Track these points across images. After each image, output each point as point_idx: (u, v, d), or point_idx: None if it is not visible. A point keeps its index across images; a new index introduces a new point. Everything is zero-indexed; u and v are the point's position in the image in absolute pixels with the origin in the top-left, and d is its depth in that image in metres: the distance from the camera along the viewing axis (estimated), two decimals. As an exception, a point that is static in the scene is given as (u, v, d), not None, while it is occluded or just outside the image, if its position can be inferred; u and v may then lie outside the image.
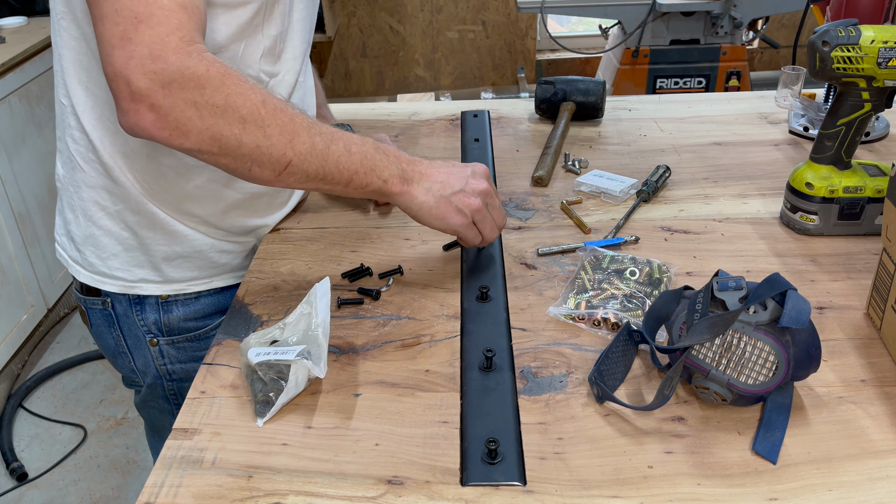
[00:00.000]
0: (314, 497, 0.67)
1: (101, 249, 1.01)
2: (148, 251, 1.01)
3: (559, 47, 3.36)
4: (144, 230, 1.00)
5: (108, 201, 0.98)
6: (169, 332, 1.07)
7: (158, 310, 1.05)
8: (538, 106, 1.44)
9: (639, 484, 0.67)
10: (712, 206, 1.13)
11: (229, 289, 1.08)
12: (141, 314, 1.05)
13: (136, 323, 1.06)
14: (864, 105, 0.97)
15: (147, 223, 0.99)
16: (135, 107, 0.76)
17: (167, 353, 1.08)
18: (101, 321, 1.08)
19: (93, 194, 0.98)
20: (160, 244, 1.01)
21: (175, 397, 1.13)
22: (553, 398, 0.77)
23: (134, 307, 1.05)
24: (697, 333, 0.73)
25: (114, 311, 1.06)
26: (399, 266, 1.00)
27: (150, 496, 0.67)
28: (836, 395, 0.77)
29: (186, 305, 1.06)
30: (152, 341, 1.07)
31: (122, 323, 1.06)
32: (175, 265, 1.03)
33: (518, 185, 1.22)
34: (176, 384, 1.11)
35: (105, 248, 1.01)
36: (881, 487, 0.66)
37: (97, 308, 1.07)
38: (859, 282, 0.94)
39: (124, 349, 1.09)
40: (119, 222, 0.99)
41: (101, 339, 1.10)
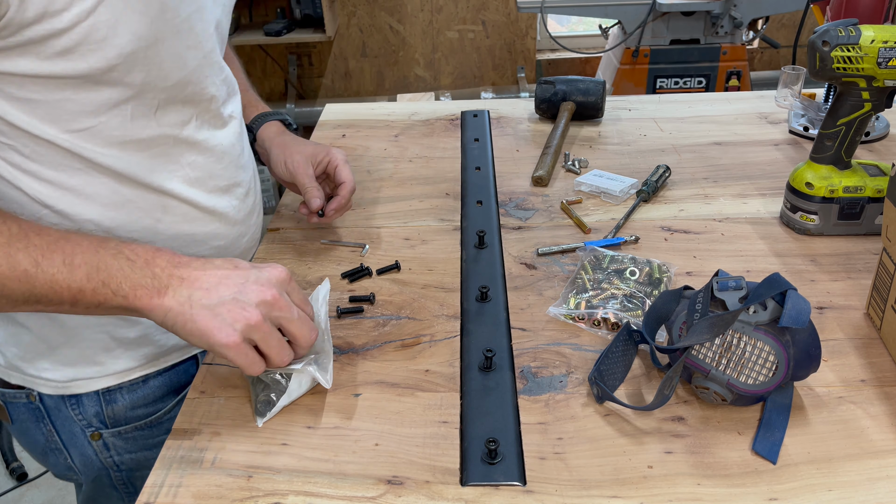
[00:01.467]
0: (314, 497, 0.67)
1: (22, 349, 0.88)
2: (80, 346, 0.87)
3: (559, 47, 3.36)
4: (74, 320, 0.85)
5: None
6: (114, 423, 0.93)
7: (99, 402, 0.91)
8: (538, 106, 1.44)
9: (639, 484, 0.67)
10: (712, 206, 1.13)
11: (183, 363, 0.96)
12: (77, 408, 0.91)
13: (72, 417, 0.91)
14: (864, 105, 0.97)
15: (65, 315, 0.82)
16: None
17: (113, 445, 0.94)
18: (26, 416, 0.92)
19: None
20: (97, 333, 0.87)
21: (125, 486, 0.99)
22: (553, 398, 0.77)
23: (68, 401, 0.90)
24: (697, 333, 0.73)
25: (42, 404, 0.91)
26: (396, 261, 1.00)
27: (149, 496, 0.67)
28: (836, 395, 0.77)
29: (133, 392, 0.92)
30: (94, 435, 0.93)
31: (54, 417, 0.91)
32: (115, 355, 0.89)
33: (518, 184, 1.22)
34: (125, 474, 0.98)
35: (28, 347, 0.87)
36: (881, 487, 0.66)
37: (20, 402, 0.91)
38: (859, 282, 0.94)
39: (58, 446, 0.94)
40: (42, 316, 0.85)
41: (27, 437, 0.94)
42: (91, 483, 0.99)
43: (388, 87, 3.60)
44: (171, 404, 0.96)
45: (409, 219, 1.12)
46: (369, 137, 1.41)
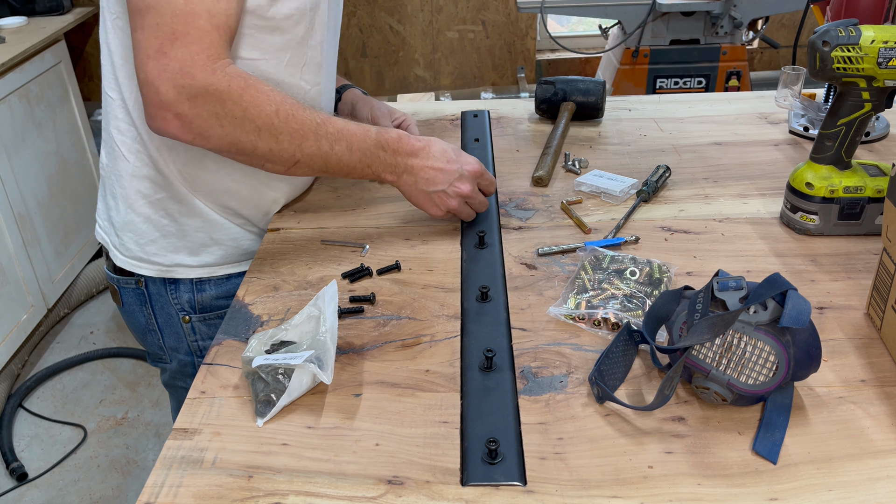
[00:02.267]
0: (314, 497, 0.67)
1: (139, 235, 1.08)
2: (185, 237, 1.08)
3: (559, 47, 3.36)
4: (184, 218, 1.07)
5: (151, 190, 1.05)
6: (202, 309, 1.14)
7: (192, 289, 1.12)
8: (538, 106, 1.44)
9: (639, 484, 0.67)
10: (712, 206, 1.13)
11: None
12: (175, 293, 1.12)
13: (170, 302, 1.12)
14: (864, 105, 0.97)
15: (187, 212, 1.07)
16: (162, 114, 0.86)
17: (199, 329, 1.15)
18: (133, 300, 1.14)
19: (136, 183, 1.05)
20: (198, 231, 1.08)
21: None
22: (553, 398, 0.77)
23: (168, 287, 1.11)
24: (697, 333, 0.73)
25: (147, 290, 1.12)
26: (396, 261, 1.00)
27: (150, 496, 0.67)
28: (836, 395, 0.77)
29: (218, 285, 1.13)
30: (185, 318, 1.14)
31: (155, 302, 1.13)
32: (210, 251, 1.10)
33: (518, 185, 1.22)
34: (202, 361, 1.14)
35: (144, 234, 1.08)
36: (881, 487, 0.66)
37: (130, 287, 1.13)
38: (859, 282, 0.94)
39: (154, 327, 1.15)
40: (159, 210, 1.06)
41: (132, 317, 1.16)
42: (177, 364, 1.19)
43: (388, 88, 3.60)
44: None
45: (409, 219, 1.12)
46: (369, 137, 1.41)
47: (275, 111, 0.90)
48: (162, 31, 0.84)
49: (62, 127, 2.79)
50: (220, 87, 0.86)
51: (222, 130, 0.88)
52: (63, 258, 2.76)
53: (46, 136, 2.67)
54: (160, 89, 0.85)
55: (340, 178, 1.22)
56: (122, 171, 1.05)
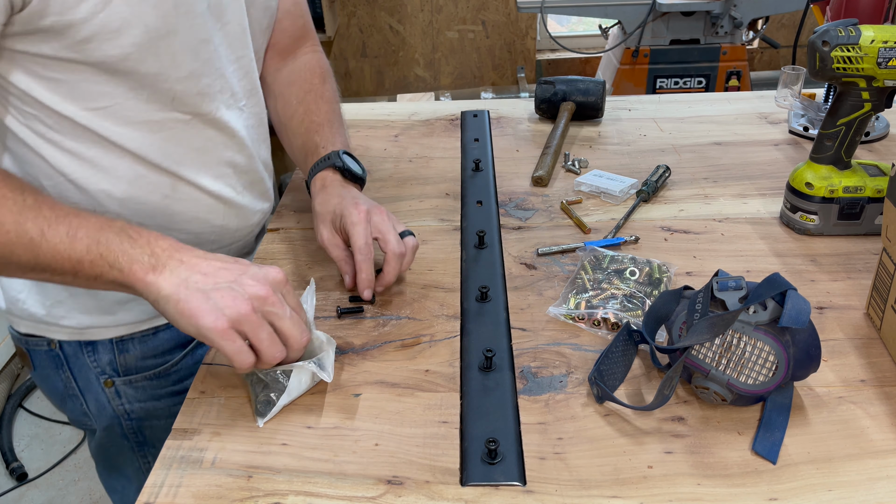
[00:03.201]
0: (314, 497, 0.67)
1: (44, 296, 0.94)
2: (96, 295, 0.93)
3: (559, 47, 3.36)
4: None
5: None
6: (126, 371, 1.00)
7: (112, 350, 0.98)
8: (538, 106, 1.44)
9: (639, 484, 0.67)
10: (712, 206, 1.13)
11: None
12: (93, 355, 0.98)
13: (88, 364, 0.98)
14: (864, 105, 0.97)
15: None
16: None
17: (124, 393, 1.01)
18: (46, 363, 1.00)
19: None
20: None
21: (135, 435, 1.05)
22: (553, 398, 0.77)
23: (84, 348, 0.98)
24: (697, 333, 0.73)
25: (62, 351, 0.98)
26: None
27: (149, 496, 0.67)
28: (836, 395, 0.77)
29: (144, 343, 0.99)
30: (107, 382, 1.00)
31: (72, 364, 0.99)
32: (127, 308, 0.96)
33: (518, 185, 1.22)
34: (135, 423, 1.04)
35: (49, 294, 0.94)
36: (881, 487, 0.66)
37: (41, 350, 0.99)
38: (859, 282, 0.94)
39: (75, 391, 1.01)
40: None
41: (48, 383, 1.02)
42: (103, 430, 1.05)
43: (388, 88, 3.60)
44: (178, 357, 1.02)
45: (409, 219, 1.12)
46: (369, 137, 1.41)
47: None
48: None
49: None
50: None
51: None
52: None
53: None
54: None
55: None
56: None
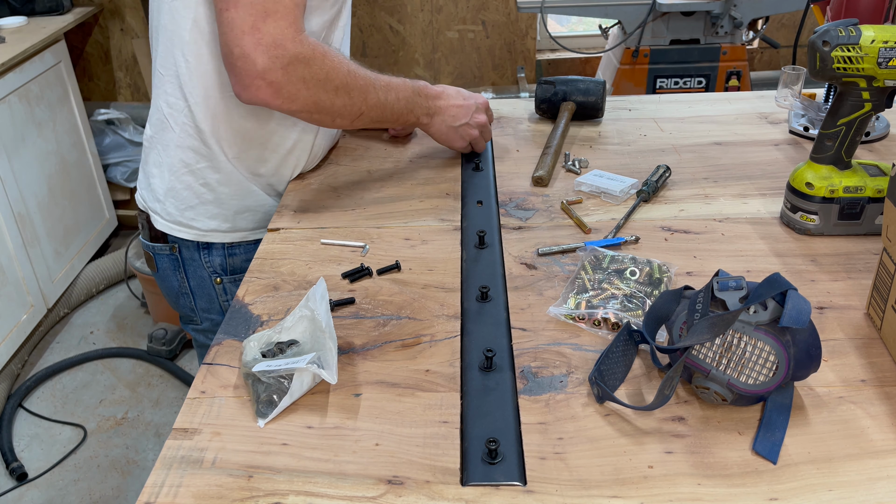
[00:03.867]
0: (314, 497, 0.67)
1: (180, 201, 1.17)
2: (221, 205, 1.18)
3: (559, 47, 3.36)
4: (222, 187, 1.17)
5: (193, 159, 1.14)
6: (232, 271, 1.24)
7: (224, 254, 1.22)
8: (538, 106, 1.44)
9: (639, 484, 0.67)
10: (712, 206, 1.13)
11: None
12: (208, 257, 1.22)
13: (203, 265, 1.23)
14: (864, 105, 0.97)
15: (225, 180, 1.16)
16: (257, 83, 0.96)
17: (229, 289, 1.25)
18: (167, 265, 1.24)
19: (180, 153, 1.14)
20: (233, 199, 1.18)
21: None
22: (553, 398, 0.77)
23: (202, 251, 1.22)
24: (697, 333, 0.73)
25: (181, 255, 1.22)
26: (396, 261, 1.00)
27: (150, 496, 0.67)
28: (836, 395, 0.77)
29: (248, 249, 1.23)
30: (217, 280, 1.24)
31: (188, 266, 1.23)
32: (243, 217, 1.21)
33: (518, 185, 1.22)
34: None
35: (184, 200, 1.17)
36: (881, 487, 0.66)
37: (164, 254, 1.23)
38: (859, 282, 0.94)
39: (187, 290, 1.26)
40: (199, 178, 1.16)
41: (166, 282, 1.27)
42: (208, 324, 1.29)
43: (388, 87, 3.60)
44: None
45: (409, 219, 1.12)
46: (369, 137, 1.41)
47: (347, 71, 1.05)
48: (255, 9, 0.94)
49: (62, 127, 2.79)
50: (306, 55, 0.98)
51: (307, 93, 1.00)
52: (63, 258, 2.76)
53: (46, 136, 2.67)
54: (257, 61, 0.94)
55: (342, 177, 1.26)
56: (168, 140, 1.14)
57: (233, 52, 0.95)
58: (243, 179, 1.18)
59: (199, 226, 1.20)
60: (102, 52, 3.33)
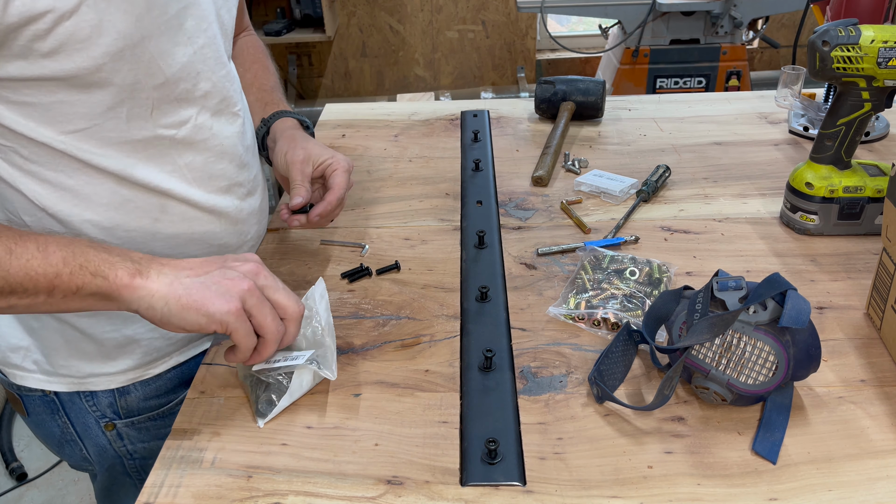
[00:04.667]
0: (314, 497, 0.67)
1: (43, 344, 0.90)
2: (96, 340, 0.89)
3: (559, 47, 3.36)
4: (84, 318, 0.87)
5: None
6: (128, 413, 0.95)
7: (113, 394, 0.93)
8: (538, 106, 1.44)
9: (639, 484, 0.67)
10: (712, 206, 1.13)
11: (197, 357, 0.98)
12: (92, 400, 0.93)
13: (87, 409, 0.94)
14: (864, 105, 0.97)
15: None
16: None
17: (127, 434, 0.97)
18: (41, 409, 0.95)
19: None
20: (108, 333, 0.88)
21: (139, 473, 1.02)
22: (553, 398, 0.77)
23: (82, 393, 0.93)
24: (697, 333, 0.73)
25: (57, 397, 0.93)
26: (396, 262, 1.00)
27: (149, 496, 0.67)
28: (836, 395, 0.77)
29: (146, 384, 0.95)
30: (108, 426, 0.96)
31: (69, 410, 0.94)
32: (129, 351, 0.91)
33: (518, 184, 1.22)
34: (139, 462, 1.01)
35: (47, 342, 0.89)
36: (881, 487, 0.66)
37: (36, 395, 0.94)
38: (859, 282, 0.94)
39: (73, 437, 0.97)
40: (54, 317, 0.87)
41: (43, 429, 0.97)
42: (105, 472, 1.02)
43: (387, 87, 3.60)
44: (183, 395, 0.90)
45: (409, 219, 1.12)
46: (369, 137, 1.41)
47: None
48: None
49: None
50: None
51: None
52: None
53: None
54: None
55: None
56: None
57: None
58: None
59: (71, 373, 0.91)
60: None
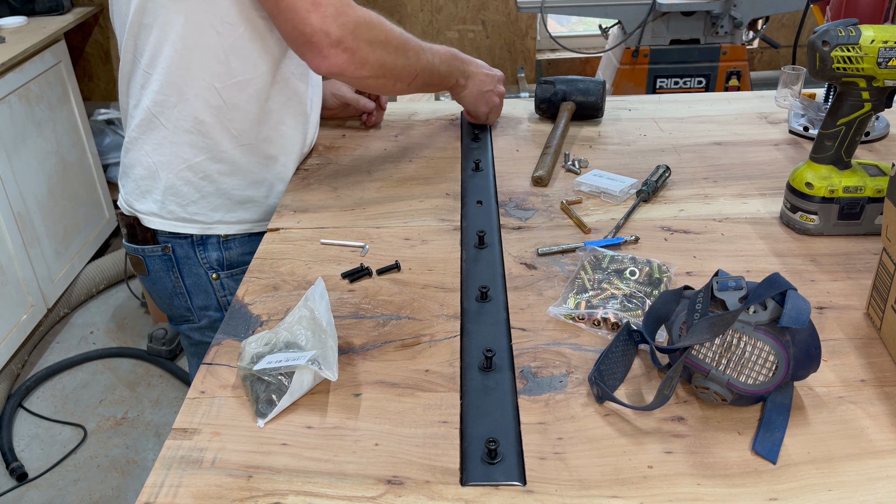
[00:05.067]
0: (314, 497, 0.67)
1: (181, 198, 1.17)
2: (224, 195, 1.19)
3: (559, 47, 3.36)
4: (223, 177, 1.17)
5: (190, 154, 1.14)
6: (229, 265, 1.23)
7: (220, 248, 1.22)
8: (538, 106, 1.44)
9: (639, 484, 0.67)
10: (712, 205, 1.13)
11: None
12: (204, 253, 1.21)
13: (199, 262, 1.22)
14: (864, 105, 0.97)
15: (227, 170, 1.17)
16: (334, 51, 1.03)
17: (227, 285, 1.24)
18: (159, 267, 1.22)
19: (175, 149, 1.14)
20: (235, 189, 1.19)
21: None
22: (553, 398, 0.77)
23: (197, 248, 1.21)
24: (697, 333, 0.73)
25: (174, 254, 1.21)
26: (396, 261, 1.00)
27: (149, 496, 0.67)
28: (836, 395, 0.77)
29: (243, 243, 1.23)
30: (214, 276, 1.23)
31: (182, 265, 1.22)
32: (246, 207, 1.22)
33: (518, 184, 1.22)
34: None
35: (185, 196, 1.17)
36: (881, 487, 0.66)
37: (156, 255, 1.21)
38: (859, 282, 0.94)
39: (182, 290, 1.24)
40: (199, 172, 1.16)
41: (158, 284, 1.24)
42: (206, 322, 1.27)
43: (388, 87, 3.60)
44: None
45: (409, 219, 1.12)
46: (369, 137, 1.41)
47: (399, 32, 1.11)
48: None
49: (62, 127, 2.79)
50: (365, 17, 1.05)
51: (374, 55, 1.06)
52: (63, 258, 2.76)
53: (46, 135, 2.67)
54: (330, 31, 1.01)
55: (342, 177, 1.27)
56: (160, 139, 1.14)
57: (304, 31, 1.01)
58: (249, 165, 1.18)
59: (203, 219, 1.19)
60: (102, 52, 3.33)
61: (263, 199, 1.23)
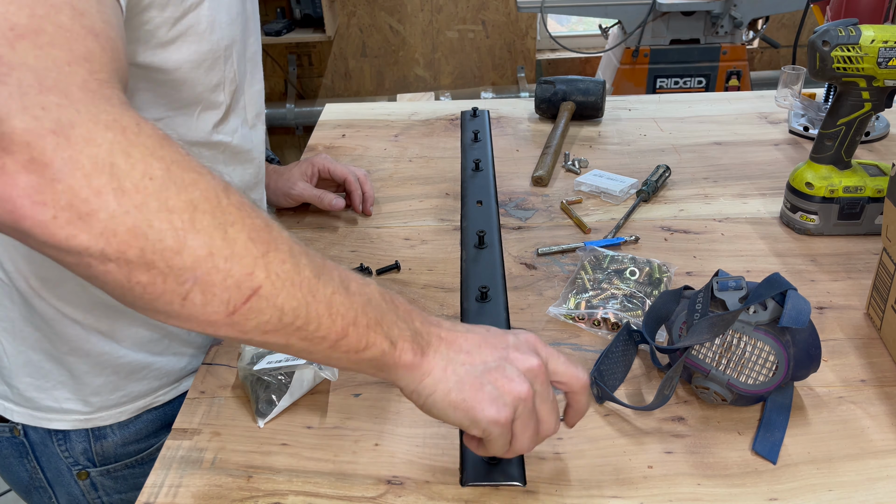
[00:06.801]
0: (314, 497, 0.67)
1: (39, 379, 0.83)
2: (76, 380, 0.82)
3: (559, 47, 3.36)
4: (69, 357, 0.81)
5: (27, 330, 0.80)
6: (103, 461, 0.87)
7: (88, 437, 0.85)
8: (538, 106, 1.44)
9: (639, 484, 0.67)
10: (712, 205, 1.13)
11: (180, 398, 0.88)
12: (64, 443, 0.86)
13: (58, 454, 0.86)
14: (864, 105, 0.97)
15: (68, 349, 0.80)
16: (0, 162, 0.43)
17: (102, 485, 0.89)
18: (9, 452, 0.88)
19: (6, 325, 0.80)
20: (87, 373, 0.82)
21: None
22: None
23: (55, 435, 0.85)
24: (697, 333, 0.73)
25: (27, 439, 0.86)
26: (396, 261, 1.00)
27: (149, 496, 0.67)
28: (836, 395, 0.77)
29: (125, 427, 0.86)
30: (81, 474, 0.88)
31: (39, 454, 0.87)
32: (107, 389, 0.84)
33: (518, 184, 1.22)
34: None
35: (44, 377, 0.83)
36: (881, 487, 0.66)
37: (3, 437, 0.87)
38: (859, 282, 0.94)
39: (42, 484, 0.89)
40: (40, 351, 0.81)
41: (10, 472, 0.90)
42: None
43: (387, 87, 3.60)
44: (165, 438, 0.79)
45: (409, 219, 1.12)
46: (369, 137, 1.41)
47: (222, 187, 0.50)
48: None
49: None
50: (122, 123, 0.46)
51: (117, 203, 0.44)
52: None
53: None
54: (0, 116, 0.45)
55: None
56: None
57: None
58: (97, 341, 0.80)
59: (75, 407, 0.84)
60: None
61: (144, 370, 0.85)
